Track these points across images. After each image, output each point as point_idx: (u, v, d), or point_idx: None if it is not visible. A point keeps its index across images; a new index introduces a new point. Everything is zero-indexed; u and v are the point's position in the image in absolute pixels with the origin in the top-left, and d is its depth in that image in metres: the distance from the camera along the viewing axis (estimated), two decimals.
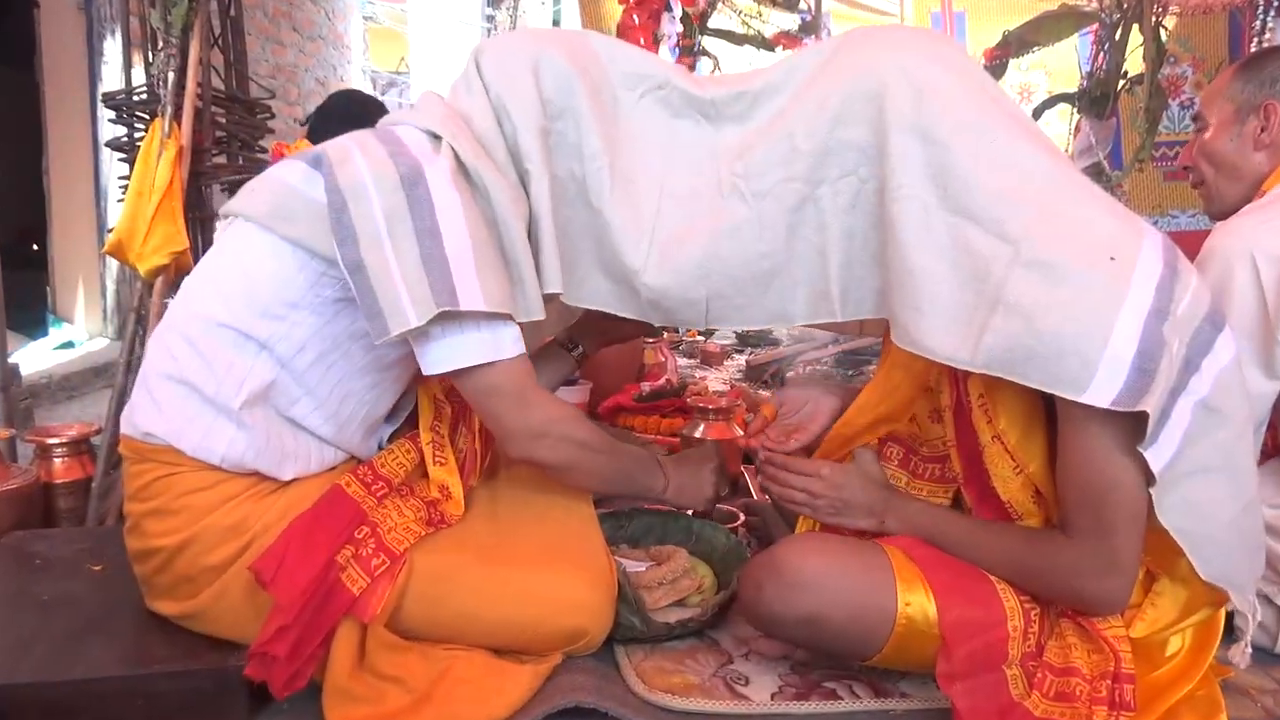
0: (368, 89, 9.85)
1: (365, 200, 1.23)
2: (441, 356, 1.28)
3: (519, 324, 1.35)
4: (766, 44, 4.91)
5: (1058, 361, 1.08)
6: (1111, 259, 1.12)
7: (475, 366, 1.29)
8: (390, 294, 1.21)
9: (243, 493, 1.33)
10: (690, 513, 1.78)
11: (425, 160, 1.27)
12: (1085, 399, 1.08)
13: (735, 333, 5.43)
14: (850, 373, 3.93)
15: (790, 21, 5.06)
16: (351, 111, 2.67)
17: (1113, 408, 1.07)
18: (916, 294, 1.20)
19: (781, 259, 1.35)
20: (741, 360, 4.74)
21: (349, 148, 1.29)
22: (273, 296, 1.30)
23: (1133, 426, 1.10)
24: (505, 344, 1.31)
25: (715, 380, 4.18)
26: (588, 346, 1.82)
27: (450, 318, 1.24)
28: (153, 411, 1.32)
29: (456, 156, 1.31)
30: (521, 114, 1.37)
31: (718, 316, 1.40)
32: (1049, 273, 1.12)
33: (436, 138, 1.33)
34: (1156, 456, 1.11)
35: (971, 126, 1.22)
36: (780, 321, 1.40)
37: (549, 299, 1.42)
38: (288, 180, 1.32)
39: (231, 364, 1.30)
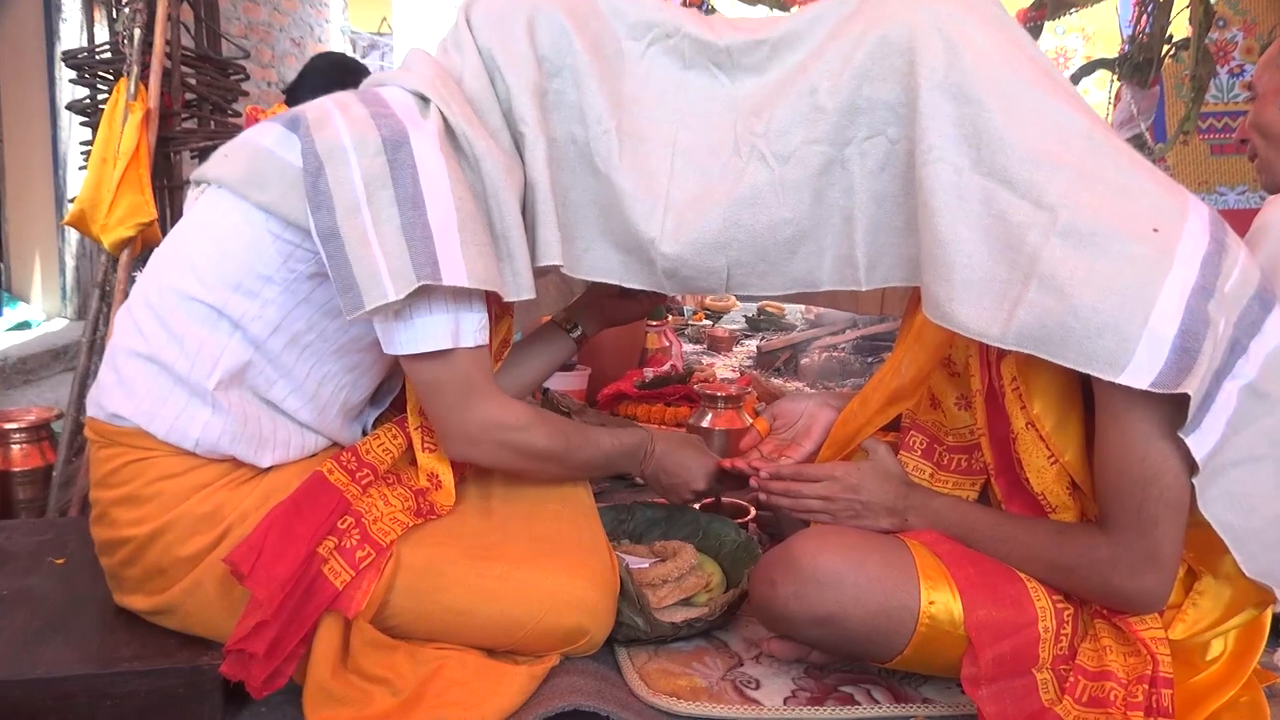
0: (347, 51, 9.82)
1: (344, 164, 1.23)
2: (404, 337, 1.28)
3: (500, 309, 1.35)
4: (781, 3, 4.90)
5: (1094, 339, 1.09)
6: (1155, 230, 1.13)
7: (428, 352, 1.29)
8: (367, 265, 1.21)
9: (218, 479, 1.34)
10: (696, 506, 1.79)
11: (411, 123, 1.27)
12: (1123, 380, 1.08)
13: (745, 317, 5.46)
14: (869, 359, 3.95)
15: None
16: (334, 76, 2.68)
17: (1152, 390, 1.08)
18: (948, 265, 1.21)
19: (807, 224, 1.36)
20: (752, 346, 4.76)
21: (329, 109, 1.29)
22: (245, 269, 1.30)
23: (1174, 411, 1.11)
24: (466, 332, 1.31)
25: (724, 366, 4.19)
26: (588, 327, 1.83)
27: (420, 296, 1.24)
28: (121, 392, 1.33)
29: (445, 121, 1.31)
30: (516, 73, 1.37)
31: (739, 284, 1.42)
32: (1087, 243, 1.12)
33: (425, 100, 1.33)
34: (1199, 444, 1.11)
35: (1008, 84, 1.22)
36: (805, 287, 1.42)
37: (543, 272, 1.42)
38: (262, 143, 1.33)
39: (204, 342, 1.30)
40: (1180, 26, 3.66)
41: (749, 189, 1.36)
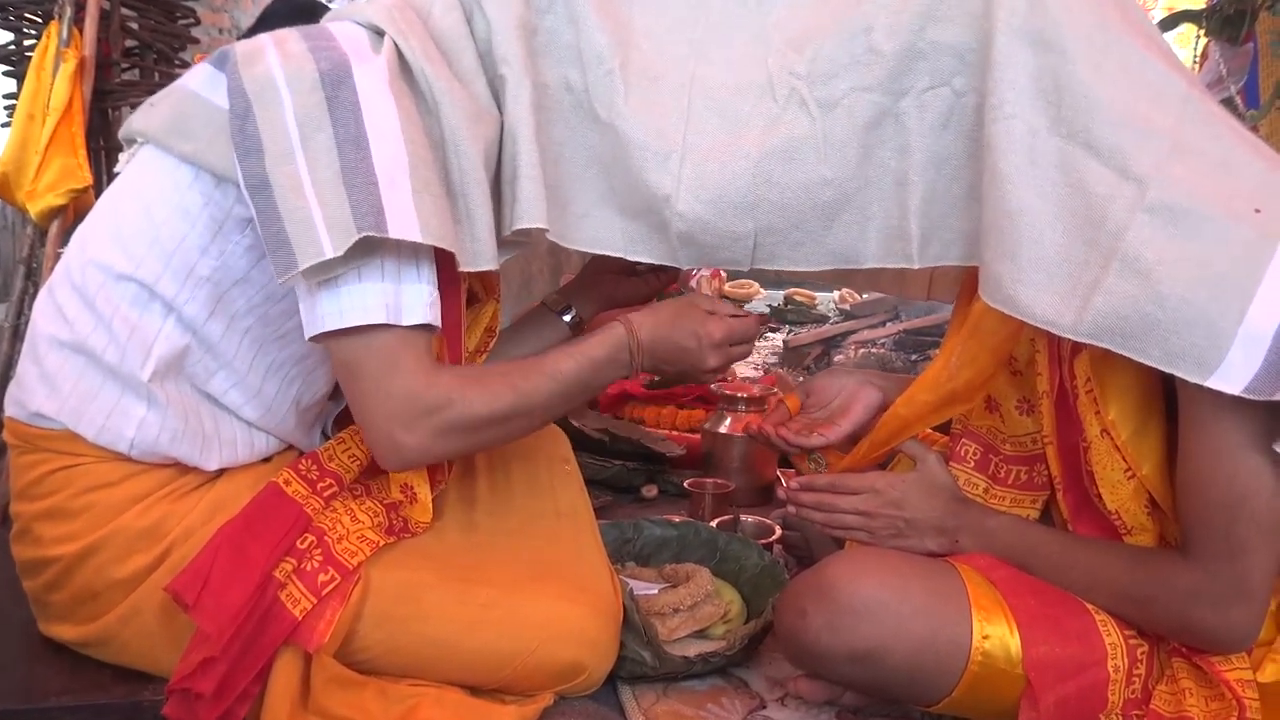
0: None
1: (275, 103, 1.20)
2: (327, 311, 1.21)
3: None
4: None
5: (1182, 334, 1.08)
6: (1257, 211, 1.12)
7: (355, 329, 1.21)
8: (301, 218, 1.17)
9: (159, 489, 1.33)
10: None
11: (356, 56, 1.25)
12: (1212, 383, 1.08)
13: (771, 306, 5.45)
14: (913, 356, 3.95)
15: None
16: (296, 22, 2.66)
17: (1246, 396, 1.07)
18: (1015, 239, 1.19)
19: (851, 187, 1.34)
20: (778, 339, 4.76)
21: (263, 43, 1.27)
22: (176, 239, 1.29)
23: (1270, 421, 1.11)
24: (410, 306, 1.23)
25: (745, 364, 4.19)
26: (584, 310, 1.80)
27: (349, 261, 1.18)
28: (44, 387, 1.32)
29: (401, 56, 1.29)
30: (498, 7, 1.35)
31: (767, 255, 1.39)
32: (1180, 222, 1.12)
33: (380, 34, 1.31)
34: None
35: (1096, 34, 1.21)
36: (846, 262, 1.39)
37: (520, 243, 1.40)
38: (188, 86, 1.32)
39: (135, 326, 1.29)
40: None
41: (784, 139, 1.34)
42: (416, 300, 1.24)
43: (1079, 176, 1.18)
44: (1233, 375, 1.07)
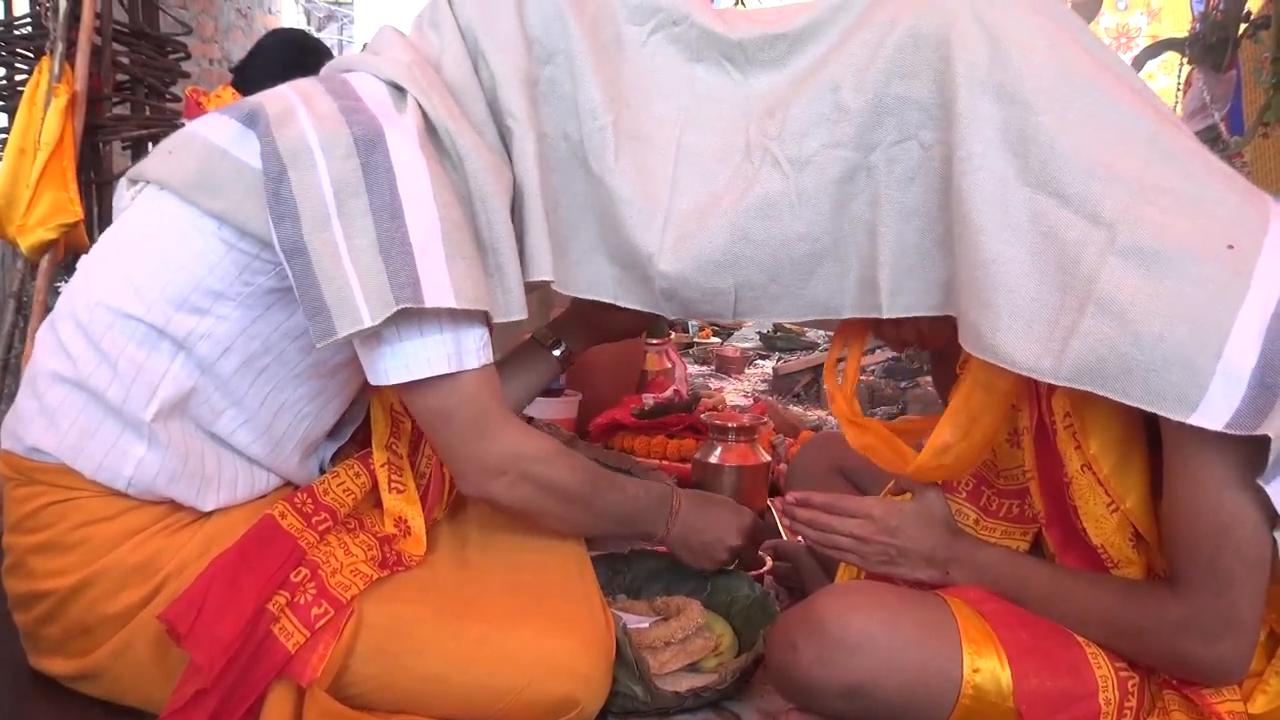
0: (301, 23, 9.86)
1: (310, 168, 1.24)
2: (394, 365, 1.29)
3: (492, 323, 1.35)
4: None
5: (1160, 373, 1.10)
6: (1230, 247, 1.13)
7: (429, 379, 1.30)
8: (338, 286, 1.22)
9: (153, 524, 1.34)
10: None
11: (386, 120, 1.28)
12: (1194, 420, 1.09)
13: (760, 334, 5.46)
14: (902, 384, 3.95)
15: None
16: (289, 55, 2.67)
17: (1227, 431, 1.08)
18: (990, 289, 1.21)
19: (827, 240, 1.37)
20: (767, 367, 4.77)
21: (292, 102, 1.30)
22: (193, 284, 1.31)
23: (1252, 454, 1.11)
24: (470, 351, 1.32)
25: (735, 392, 4.20)
26: (574, 344, 1.83)
27: (408, 316, 1.26)
28: (42, 422, 1.33)
29: (425, 116, 1.32)
30: (502, 58, 1.38)
31: (749, 308, 1.42)
32: (1151, 263, 1.13)
33: (400, 91, 1.34)
34: None
35: (1059, 82, 1.23)
36: (826, 313, 1.42)
37: (531, 287, 1.42)
38: (214, 140, 1.33)
39: (141, 366, 1.31)
40: (1259, 1, 3.67)
41: (759, 198, 1.36)
42: (474, 343, 1.32)
43: (1050, 224, 1.20)
44: (1214, 411, 1.08)
